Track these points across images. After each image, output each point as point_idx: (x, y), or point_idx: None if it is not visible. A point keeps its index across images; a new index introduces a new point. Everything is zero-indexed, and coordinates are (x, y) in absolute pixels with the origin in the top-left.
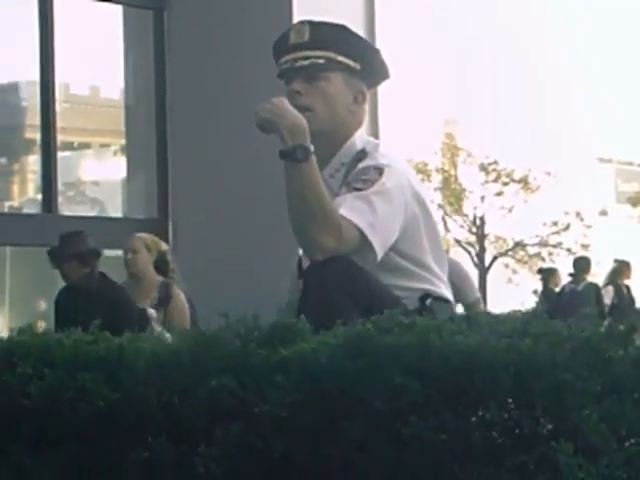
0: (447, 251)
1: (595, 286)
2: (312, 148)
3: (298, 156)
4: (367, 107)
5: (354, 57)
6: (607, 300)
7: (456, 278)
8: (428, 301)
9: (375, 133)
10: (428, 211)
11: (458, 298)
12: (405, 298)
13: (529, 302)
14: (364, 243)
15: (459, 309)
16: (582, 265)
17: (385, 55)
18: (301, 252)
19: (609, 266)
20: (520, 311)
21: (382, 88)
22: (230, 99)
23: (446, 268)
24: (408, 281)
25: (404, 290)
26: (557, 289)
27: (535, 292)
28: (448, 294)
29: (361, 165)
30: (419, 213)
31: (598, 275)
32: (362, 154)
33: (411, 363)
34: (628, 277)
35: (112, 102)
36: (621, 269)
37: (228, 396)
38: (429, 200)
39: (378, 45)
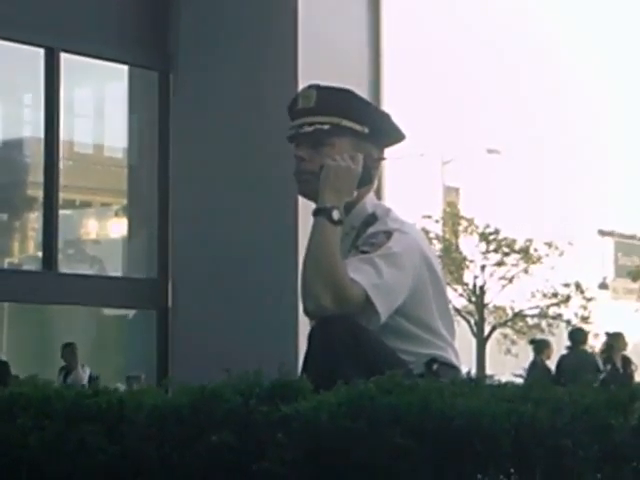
0: None
1: (593, 356)
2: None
3: (334, 216)
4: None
5: (361, 121)
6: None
7: None
8: (434, 366)
9: (379, 199)
10: (438, 276)
11: None
12: (412, 363)
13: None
14: (368, 305)
15: None
16: (578, 337)
17: (394, 118)
18: None
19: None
20: (521, 376)
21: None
22: (233, 161)
23: (454, 332)
24: (415, 346)
25: (411, 355)
26: (548, 361)
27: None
28: (455, 360)
29: (371, 230)
30: (428, 278)
31: (596, 348)
32: (372, 218)
33: (412, 424)
34: (623, 349)
35: (115, 161)
36: (615, 342)
37: (228, 452)
38: (439, 265)
39: (384, 104)
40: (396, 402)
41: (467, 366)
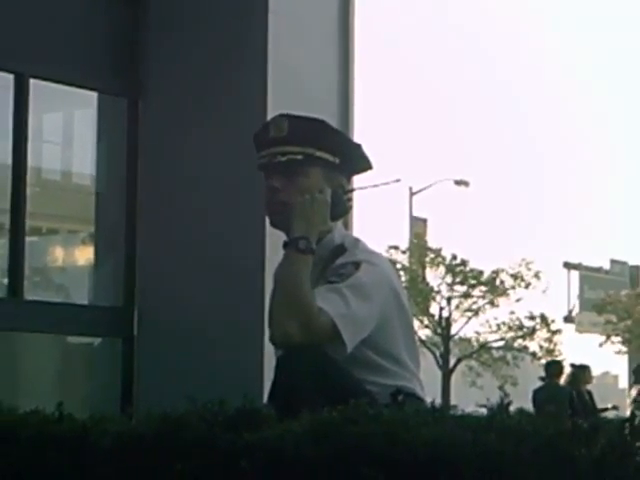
0: None
1: (567, 389)
2: (314, 248)
3: (300, 246)
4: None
5: (333, 152)
6: None
7: None
8: (400, 397)
9: (346, 228)
10: (404, 307)
11: None
12: (378, 394)
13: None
14: (335, 335)
15: None
16: (553, 369)
17: (365, 148)
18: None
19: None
20: (485, 406)
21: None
22: (202, 191)
23: (419, 363)
24: (381, 377)
25: (377, 386)
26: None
27: (501, 388)
28: (420, 391)
29: (340, 260)
30: (395, 309)
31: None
32: (341, 249)
33: (377, 453)
34: (588, 382)
35: (83, 188)
36: (580, 374)
37: None
38: (406, 296)
39: (353, 134)
40: (361, 431)
41: (432, 398)
